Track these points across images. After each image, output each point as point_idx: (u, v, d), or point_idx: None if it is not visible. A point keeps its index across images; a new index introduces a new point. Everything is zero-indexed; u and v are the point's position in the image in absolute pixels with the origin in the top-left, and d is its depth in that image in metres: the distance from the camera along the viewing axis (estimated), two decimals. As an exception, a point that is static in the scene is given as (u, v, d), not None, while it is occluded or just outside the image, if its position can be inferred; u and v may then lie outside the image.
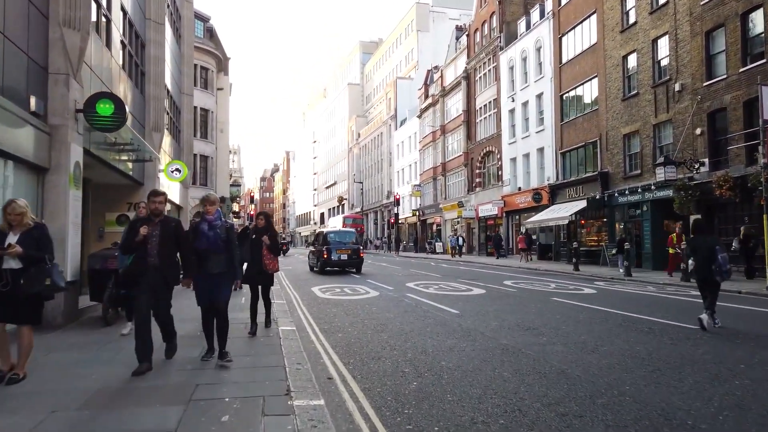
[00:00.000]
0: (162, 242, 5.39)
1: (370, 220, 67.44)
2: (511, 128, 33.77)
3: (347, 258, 21.19)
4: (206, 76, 35.22)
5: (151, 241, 5.38)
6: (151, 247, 5.38)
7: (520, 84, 32.54)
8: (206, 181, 34.96)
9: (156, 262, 5.37)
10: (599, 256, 24.28)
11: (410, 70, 63.75)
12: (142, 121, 14.22)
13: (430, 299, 11.84)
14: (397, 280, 17.26)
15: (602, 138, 24.89)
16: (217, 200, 5.95)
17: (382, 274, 19.84)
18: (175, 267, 5.60)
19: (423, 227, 51.57)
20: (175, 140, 20.11)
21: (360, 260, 21.65)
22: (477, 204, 38.28)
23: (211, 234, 5.72)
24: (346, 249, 21.48)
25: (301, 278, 18.72)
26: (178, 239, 5.55)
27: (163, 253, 5.40)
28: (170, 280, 5.55)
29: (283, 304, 10.61)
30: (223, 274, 5.76)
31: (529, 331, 7.81)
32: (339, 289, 14.46)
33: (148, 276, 5.37)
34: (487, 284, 15.36)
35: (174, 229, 5.54)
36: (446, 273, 20.43)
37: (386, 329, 8.18)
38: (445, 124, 44.72)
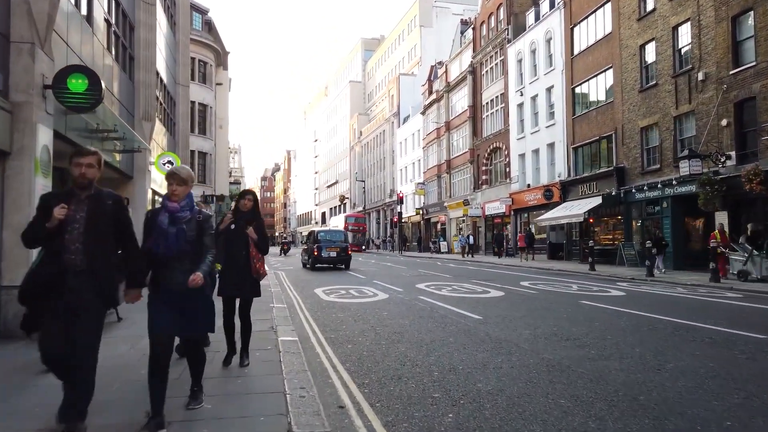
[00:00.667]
0: (90, 230, 3.43)
1: (372, 220, 66.35)
2: (519, 123, 32.64)
3: (336, 255, 22.59)
4: (204, 70, 34.13)
5: (71, 229, 3.42)
6: (71, 238, 3.41)
7: (529, 77, 31.41)
8: (204, 178, 33.87)
9: (79, 263, 3.41)
10: (615, 255, 23.14)
11: (413, 67, 62.63)
12: (131, 109, 13.12)
13: (445, 302, 10.73)
14: (405, 281, 16.15)
15: (618, 131, 23.75)
16: (190, 179, 3.90)
17: (389, 275, 18.74)
18: (111, 272, 3.57)
19: (427, 226, 50.45)
20: (170, 133, 19.01)
21: (348, 257, 23.10)
22: (483, 202, 37.15)
23: (173, 231, 3.68)
24: (335, 247, 22.92)
25: (303, 279, 17.61)
26: (119, 227, 3.59)
27: (92, 249, 3.43)
28: (103, 293, 3.50)
29: (284, 309, 9.50)
30: (193, 294, 3.71)
31: (570, 343, 6.69)
32: (344, 290, 13.36)
33: (66, 285, 3.40)
34: (504, 285, 14.24)
35: (112, 211, 3.56)
36: (456, 273, 19.31)
37: (403, 339, 7.07)
38: (450, 120, 43.59)
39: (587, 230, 26.51)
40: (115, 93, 11.89)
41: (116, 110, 11.86)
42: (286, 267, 25.65)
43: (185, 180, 3.87)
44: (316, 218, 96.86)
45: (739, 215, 17.80)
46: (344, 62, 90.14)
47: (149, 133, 13.37)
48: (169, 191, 3.85)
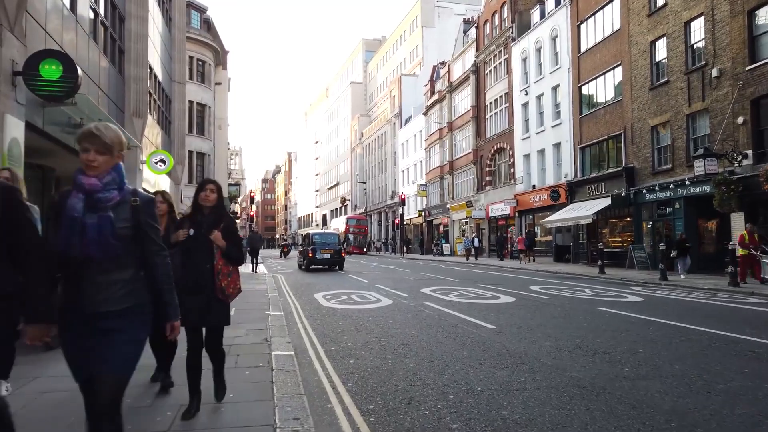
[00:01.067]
0: None
1: (373, 222, 65.69)
2: (524, 123, 31.96)
3: (330, 257, 23.44)
4: (203, 69, 33.50)
5: None
6: None
7: (534, 76, 30.74)
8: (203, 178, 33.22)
9: None
10: (624, 258, 22.42)
11: (415, 67, 62.01)
12: (120, 105, 12.46)
13: (454, 309, 10.03)
14: (409, 285, 15.46)
15: (627, 131, 23.06)
16: (119, 145, 2.53)
17: (392, 278, 18.04)
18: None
19: (429, 228, 49.77)
20: (165, 132, 18.36)
21: (342, 259, 23.99)
22: (487, 203, 36.46)
23: (93, 221, 2.41)
24: (329, 249, 23.74)
25: (303, 282, 16.92)
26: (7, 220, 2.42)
27: None
28: None
29: (281, 317, 8.82)
30: (123, 316, 2.46)
31: (599, 357, 6.00)
32: (345, 296, 12.67)
33: None
34: (514, 290, 13.54)
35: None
36: (462, 277, 18.61)
37: (411, 352, 6.37)
38: (453, 120, 42.93)
39: (595, 232, 25.82)
40: (103, 87, 11.24)
41: (104, 105, 11.20)
42: (285, 270, 24.97)
43: (109, 146, 2.47)
44: (317, 220, 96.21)
45: (756, 216, 17.08)
46: (345, 63, 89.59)
47: (140, 130, 12.71)
48: (84, 160, 2.47)
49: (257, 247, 23.17)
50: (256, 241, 23.72)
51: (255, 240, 23.92)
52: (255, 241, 23.63)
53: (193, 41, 32.18)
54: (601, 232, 25.55)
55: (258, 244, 23.74)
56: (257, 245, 23.42)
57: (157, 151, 13.55)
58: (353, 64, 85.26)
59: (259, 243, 23.83)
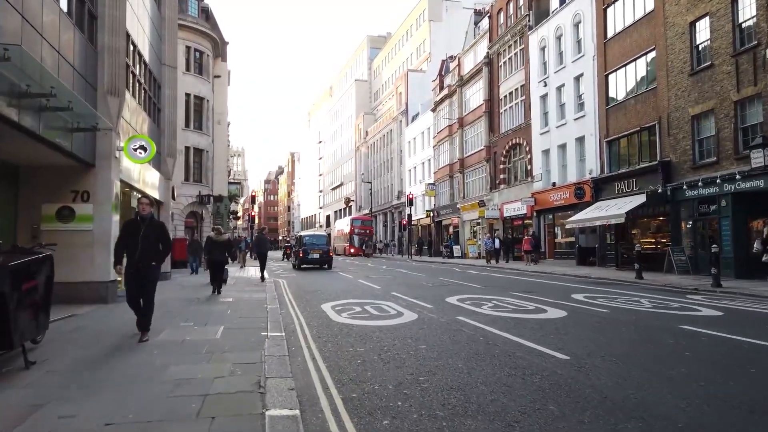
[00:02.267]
0: None
1: (379, 223, 63.69)
2: (542, 117, 29.93)
3: (319, 257, 26.03)
4: (201, 60, 31.57)
5: None
6: None
7: (553, 66, 28.72)
8: (201, 177, 31.29)
9: None
10: (659, 261, 20.36)
11: (422, 63, 60.08)
12: (92, 82, 10.50)
13: (498, 328, 8.03)
14: (430, 293, 13.44)
15: (663, 121, 21.01)
16: None
17: (407, 284, 16.03)
18: None
19: (438, 229, 47.73)
20: (154, 121, 16.39)
21: (330, 258, 26.63)
22: (501, 203, 34.43)
23: None
24: (319, 249, 26.34)
25: (309, 289, 14.92)
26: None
27: None
28: None
29: (281, 341, 6.81)
30: None
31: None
32: (359, 307, 10.67)
33: None
34: (557, 300, 11.51)
35: None
36: (485, 282, 16.58)
37: (470, 404, 4.36)
38: (463, 116, 40.92)
39: (624, 233, 23.78)
40: (67, 56, 9.26)
41: (68, 79, 9.24)
42: (288, 273, 22.99)
43: None
44: (320, 221, 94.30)
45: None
46: (349, 61, 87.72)
47: (116, 111, 10.73)
48: None
49: (264, 251, 18.71)
50: (263, 244, 19.21)
51: (262, 243, 19.43)
52: (262, 245, 19.24)
53: (190, 30, 30.29)
54: (632, 233, 23.50)
55: (265, 248, 19.01)
56: (264, 249, 18.84)
57: (137, 136, 11.55)
58: (357, 61, 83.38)
59: (266, 246, 19.22)
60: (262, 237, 20.54)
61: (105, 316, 9.03)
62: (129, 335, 7.18)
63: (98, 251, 10.45)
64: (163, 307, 10.09)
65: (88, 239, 10.40)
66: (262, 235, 20.83)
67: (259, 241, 19.89)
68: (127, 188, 13.54)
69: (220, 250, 13.51)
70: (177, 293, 13.18)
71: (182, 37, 29.12)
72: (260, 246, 19.23)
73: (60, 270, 10.13)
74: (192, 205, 30.48)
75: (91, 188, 10.48)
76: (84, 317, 8.90)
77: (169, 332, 7.37)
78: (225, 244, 13.95)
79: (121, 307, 9.90)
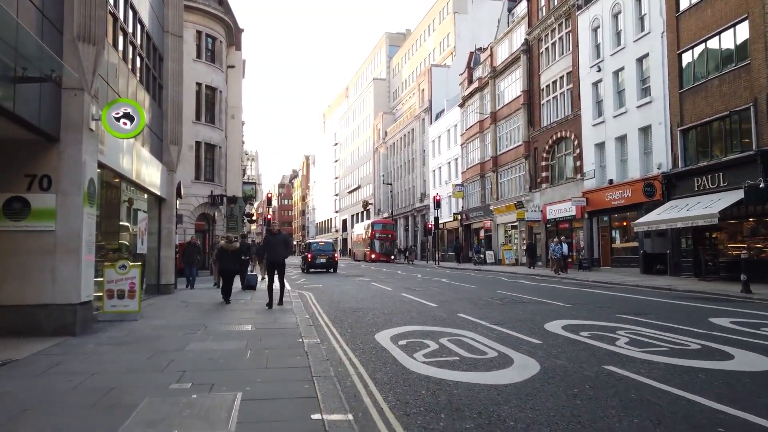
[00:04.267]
0: None
1: (399, 227, 60.39)
2: (595, 106, 26.56)
3: (325, 261, 29.66)
4: (213, 47, 28.68)
5: None
6: None
7: (609, 48, 25.35)
8: (213, 175, 28.34)
9: None
10: (763, 270, 16.88)
11: (446, 58, 56.91)
12: (56, 21, 7.41)
13: (700, 394, 4.77)
14: (511, 314, 10.19)
15: (760, 103, 17.56)
16: None
17: (469, 300, 12.78)
18: None
19: (467, 233, 44.37)
20: (154, 98, 13.36)
21: (335, 263, 30.15)
22: (544, 203, 31.04)
23: None
24: (325, 255, 29.94)
25: (344, 306, 11.74)
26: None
27: None
28: None
29: (347, 420, 3.60)
30: None
31: None
32: (431, 340, 7.45)
33: None
34: (700, 329, 8.18)
35: None
36: (565, 298, 13.25)
37: None
38: (497, 110, 37.62)
39: (703, 237, 20.33)
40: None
41: (14, 8, 6.18)
42: (311, 283, 19.82)
43: None
44: (336, 226, 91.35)
45: None
46: (366, 60, 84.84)
47: (91, 65, 7.65)
48: None
49: (280, 260, 11.15)
50: (276, 251, 11.42)
51: (274, 248, 11.40)
52: (274, 251, 12.21)
53: (200, 12, 27.45)
54: (715, 236, 20.04)
55: (281, 256, 11.08)
56: (280, 257, 11.09)
57: (120, 100, 8.40)
58: (375, 60, 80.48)
59: (281, 254, 11.12)
60: (275, 239, 11.86)
61: (60, 365, 5.89)
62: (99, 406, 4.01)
63: (63, 260, 7.34)
64: (153, 344, 6.95)
65: (47, 243, 7.29)
66: (275, 236, 11.81)
67: (270, 246, 11.48)
68: (116, 178, 10.47)
69: (232, 259, 12.44)
70: (176, 316, 10.07)
71: (192, 21, 26.32)
72: (273, 253, 11.19)
73: (5, 288, 6.98)
74: (203, 207, 27.51)
75: (54, 171, 7.37)
76: (22, 369, 5.73)
77: (147, 409, 4.19)
78: (237, 252, 12.79)
79: (96, 340, 6.80)
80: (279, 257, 11.08)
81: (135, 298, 8.93)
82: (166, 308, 11.06)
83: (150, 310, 10.61)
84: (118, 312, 8.86)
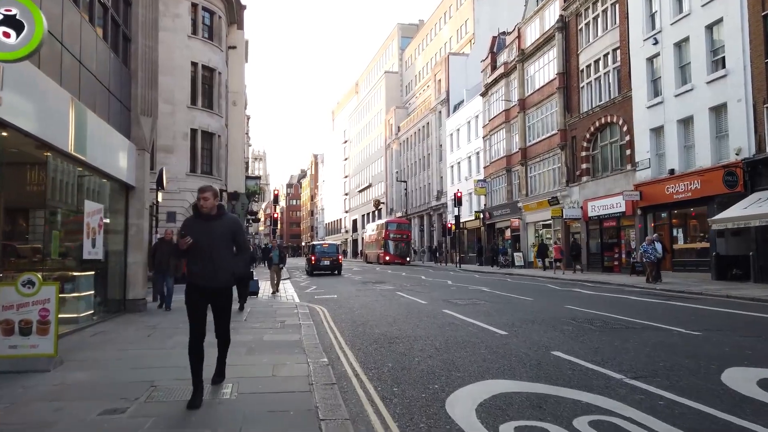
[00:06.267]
0: None
1: (414, 227, 56.85)
2: (650, 85, 22.94)
3: (329, 263, 29.17)
4: (212, 22, 25.35)
5: None
6: None
7: (669, 16, 21.73)
8: (211, 168, 25.00)
9: None
10: None
11: (463, 46, 53.39)
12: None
13: None
14: (651, 356, 6.68)
15: None
16: None
17: (553, 327, 9.29)
18: None
19: (489, 233, 40.79)
20: (116, 52, 9.94)
21: (339, 265, 29.82)
22: (584, 199, 27.44)
23: None
24: (329, 257, 29.47)
25: (375, 333, 8.32)
26: None
27: None
28: None
29: None
30: None
31: None
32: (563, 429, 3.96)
33: None
34: None
35: None
36: (684, 319, 9.71)
37: None
38: (526, 97, 34.04)
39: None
40: None
41: None
42: (325, 292, 16.33)
43: None
44: (346, 226, 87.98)
45: None
46: (377, 54, 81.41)
47: None
48: None
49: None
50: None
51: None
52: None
53: (195, -19, 24.11)
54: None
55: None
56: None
57: (-1, -7, 5.01)
58: (387, 53, 77.04)
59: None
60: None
61: None
62: None
63: None
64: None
65: None
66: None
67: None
68: (43, 150, 7.09)
69: (243, 264, 11.46)
70: (121, 360, 6.67)
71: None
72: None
73: None
74: (200, 203, 24.11)
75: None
76: None
77: None
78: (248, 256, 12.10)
79: None
80: None
81: (48, 335, 5.53)
82: (117, 340, 7.64)
83: (90, 344, 7.25)
84: (19, 357, 5.46)
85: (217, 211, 4.82)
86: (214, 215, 4.80)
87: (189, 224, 4.85)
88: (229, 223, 4.89)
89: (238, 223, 5.10)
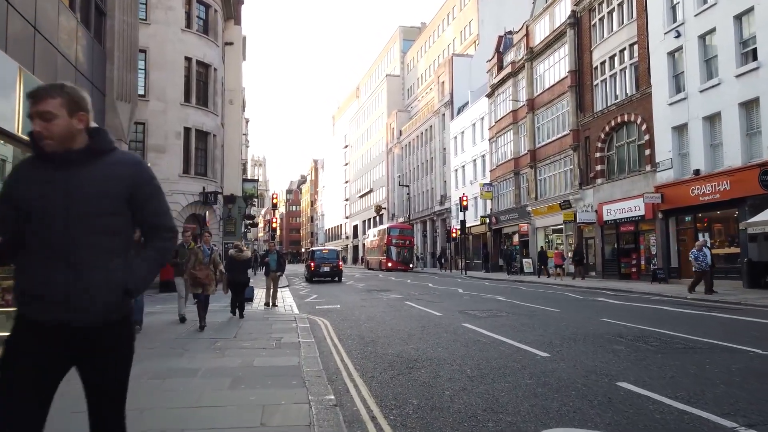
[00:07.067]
0: None
1: (417, 232, 55.46)
2: (672, 80, 21.61)
3: (329, 270, 28.06)
4: (207, 16, 24.05)
5: None
6: None
7: (693, 7, 20.42)
8: (206, 169, 23.61)
9: None
10: None
11: (467, 47, 52.18)
12: None
13: None
14: (746, 389, 5.24)
15: None
16: None
17: (602, 347, 7.81)
18: None
19: (496, 239, 39.37)
20: (85, 25, 8.56)
21: (339, 272, 28.51)
22: (599, 202, 26.05)
23: None
24: (329, 263, 28.34)
25: (393, 353, 6.93)
26: None
27: None
28: None
29: None
30: None
31: None
32: None
33: None
34: None
35: None
36: (746, 335, 8.29)
37: None
38: (535, 97, 32.75)
39: None
40: None
41: None
42: (327, 302, 14.86)
43: None
44: (346, 232, 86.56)
45: None
46: (379, 57, 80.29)
47: None
48: None
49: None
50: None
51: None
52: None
53: (190, -29, 22.84)
54: None
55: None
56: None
57: None
58: (388, 56, 75.93)
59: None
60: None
61: None
62: None
63: None
64: None
65: None
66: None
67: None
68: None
69: (242, 270, 11.52)
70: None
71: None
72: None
73: None
74: (194, 206, 22.76)
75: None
76: None
77: None
78: (247, 262, 11.99)
79: None
80: None
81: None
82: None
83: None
84: None
85: (87, 144, 2.14)
86: (76, 154, 2.11)
87: (17, 177, 2.16)
88: (120, 173, 2.15)
89: (142, 173, 2.22)
